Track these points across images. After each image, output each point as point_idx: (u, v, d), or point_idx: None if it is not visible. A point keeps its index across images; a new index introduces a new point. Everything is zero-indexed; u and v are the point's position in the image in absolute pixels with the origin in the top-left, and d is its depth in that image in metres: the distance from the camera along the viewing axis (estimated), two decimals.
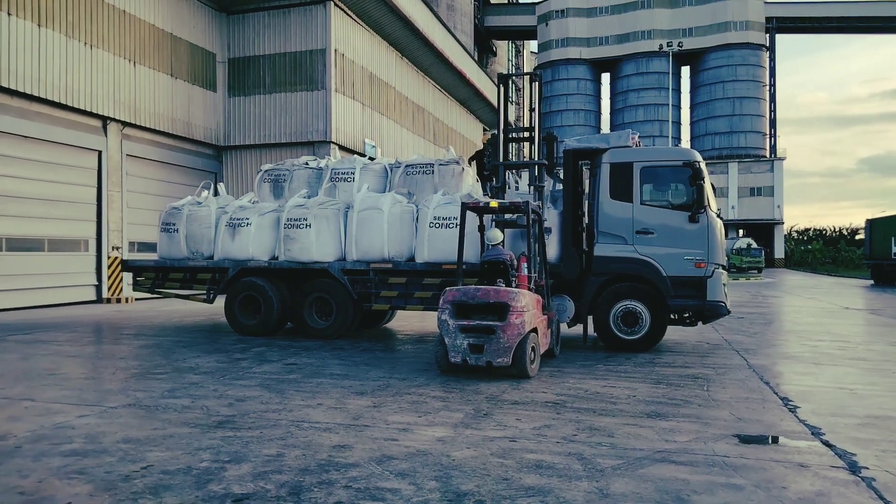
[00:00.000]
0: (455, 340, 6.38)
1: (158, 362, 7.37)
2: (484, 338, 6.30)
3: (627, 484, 3.53)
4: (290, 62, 19.83)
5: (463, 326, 6.37)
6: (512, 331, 6.23)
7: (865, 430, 4.69)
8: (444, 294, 6.58)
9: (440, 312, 6.53)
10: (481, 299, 6.36)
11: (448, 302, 6.49)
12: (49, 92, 14.16)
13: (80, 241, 15.49)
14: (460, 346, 6.36)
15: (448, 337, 6.43)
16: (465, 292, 6.45)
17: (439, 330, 6.57)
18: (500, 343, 6.24)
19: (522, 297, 6.39)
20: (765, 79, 67.99)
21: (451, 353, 6.42)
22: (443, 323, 6.47)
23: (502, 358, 6.27)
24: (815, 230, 76.59)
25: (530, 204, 7.08)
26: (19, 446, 4.13)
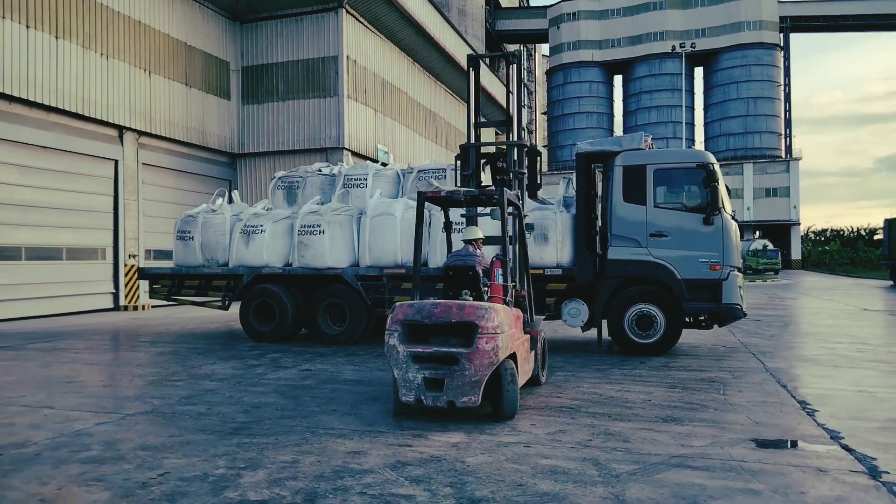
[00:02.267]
0: (406, 373, 4.84)
1: (175, 369, 7.44)
2: (444, 370, 4.77)
3: (643, 489, 3.50)
4: (303, 69, 19.97)
5: (416, 355, 4.83)
6: (481, 359, 4.73)
7: (885, 433, 4.62)
8: (392, 311, 5.08)
9: (387, 336, 4.98)
10: (440, 318, 4.84)
11: (397, 322, 4.95)
12: (66, 102, 14.37)
13: (98, 250, 15.68)
14: (413, 382, 4.82)
15: (398, 368, 4.88)
16: (419, 309, 4.93)
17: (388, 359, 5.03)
18: (465, 376, 4.73)
19: (495, 313, 4.86)
20: (779, 78, 67.39)
21: (401, 388, 4.88)
22: (391, 350, 4.94)
23: (469, 396, 4.75)
24: (833, 231, 75.71)
25: (506, 193, 5.55)
26: (39, 453, 4.18)
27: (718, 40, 67.01)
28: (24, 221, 13.66)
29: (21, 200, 13.60)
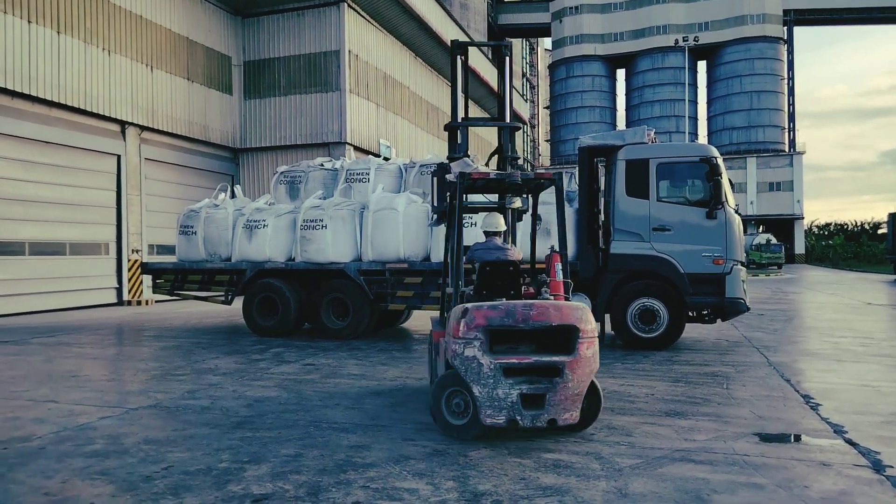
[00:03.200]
0: (495, 390, 4.09)
1: (178, 364, 7.45)
2: (545, 383, 4.13)
3: (646, 483, 3.50)
4: (305, 64, 19.93)
5: (510, 367, 4.13)
6: (582, 368, 4.17)
7: (889, 427, 4.61)
8: (461, 315, 4.24)
9: (458, 345, 4.17)
10: (538, 321, 4.15)
11: (477, 328, 4.15)
12: (69, 98, 14.36)
13: (101, 245, 15.70)
14: (505, 399, 4.09)
15: (480, 384, 4.10)
16: (509, 311, 4.17)
17: (452, 370, 4.29)
18: (567, 389, 4.13)
19: (589, 314, 4.32)
20: (783, 72, 67.09)
21: (485, 409, 4.11)
22: (468, 362, 4.13)
23: (570, 412, 4.18)
24: (837, 225, 75.51)
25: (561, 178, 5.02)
26: (43, 447, 4.20)
27: (722, 34, 66.70)
28: (27, 217, 13.68)
29: (24, 196, 13.61)
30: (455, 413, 4.31)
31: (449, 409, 4.33)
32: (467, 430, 4.27)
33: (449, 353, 4.29)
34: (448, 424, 4.33)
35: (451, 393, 4.33)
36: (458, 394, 4.29)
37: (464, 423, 4.28)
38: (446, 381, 4.34)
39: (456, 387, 4.29)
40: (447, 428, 4.33)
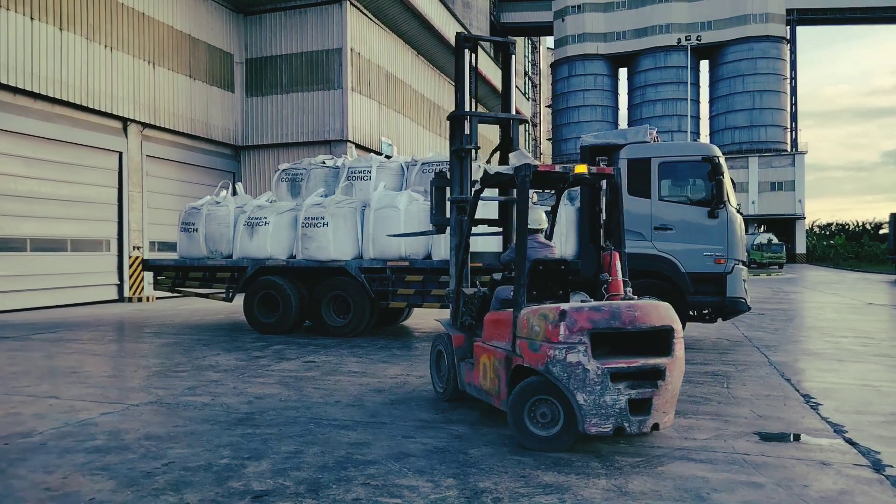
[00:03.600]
0: (602, 397, 3.84)
1: (179, 360, 7.46)
2: (649, 387, 3.94)
3: (646, 482, 3.51)
4: (307, 62, 19.93)
5: (618, 372, 3.89)
6: (678, 370, 4.07)
7: (890, 427, 4.61)
8: (558, 318, 3.92)
9: (559, 351, 3.86)
10: (643, 324, 3.96)
11: (581, 332, 3.87)
12: (70, 94, 14.37)
13: (102, 241, 15.71)
14: (613, 406, 3.85)
15: (586, 391, 3.83)
16: (614, 313, 3.95)
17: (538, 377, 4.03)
18: (667, 392, 4.00)
19: (675, 314, 4.19)
20: (785, 72, 67.00)
21: (590, 418, 3.85)
22: (571, 369, 3.84)
23: (668, 415, 4.07)
24: (838, 225, 75.39)
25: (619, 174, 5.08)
26: (44, 443, 4.21)
27: (724, 33, 66.61)
28: (29, 213, 13.69)
29: (26, 192, 13.63)
30: (540, 424, 4.02)
31: (532, 420, 4.03)
32: (559, 441, 3.99)
33: (539, 359, 3.95)
34: (534, 436, 4.01)
35: (536, 402, 4.03)
36: (545, 402, 4.01)
37: (553, 433, 3.99)
38: (531, 390, 4.02)
39: (542, 395, 4.00)
40: (532, 440, 4.02)
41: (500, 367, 4.37)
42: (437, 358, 5.56)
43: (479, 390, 4.73)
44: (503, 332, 4.45)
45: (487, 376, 4.54)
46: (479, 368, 4.69)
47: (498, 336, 4.51)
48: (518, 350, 4.15)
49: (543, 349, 3.93)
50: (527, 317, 4.13)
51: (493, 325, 4.66)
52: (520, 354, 4.12)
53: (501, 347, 4.40)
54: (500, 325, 4.51)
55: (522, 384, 4.07)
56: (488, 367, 4.53)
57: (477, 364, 4.71)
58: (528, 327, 4.09)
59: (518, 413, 4.05)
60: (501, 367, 4.35)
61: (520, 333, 4.15)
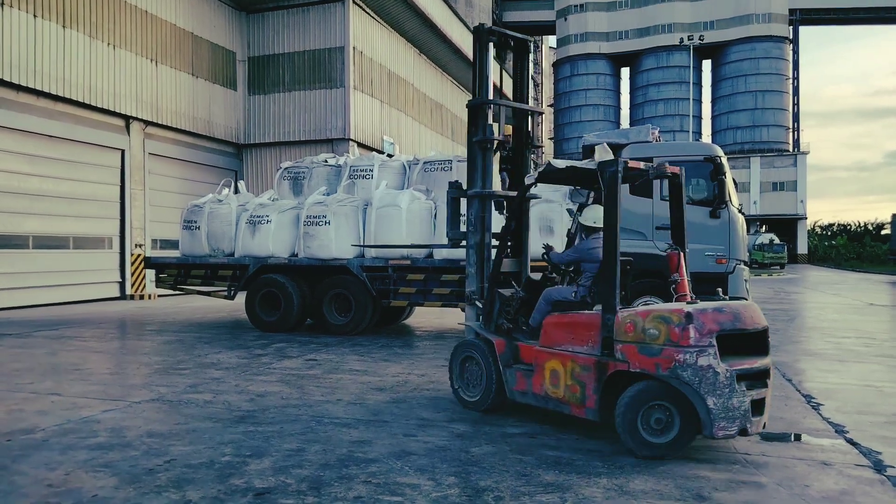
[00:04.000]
0: (730, 399, 3.75)
1: (181, 358, 7.48)
2: (763, 387, 3.94)
3: (647, 481, 3.51)
4: (309, 60, 19.93)
5: (743, 373, 3.85)
6: (771, 370, 4.11)
7: (891, 428, 4.61)
8: (686, 321, 3.82)
9: (686, 354, 3.76)
10: (757, 324, 4.01)
11: (709, 334, 3.80)
12: (73, 92, 14.38)
13: (104, 239, 15.74)
14: (739, 408, 3.77)
15: (716, 395, 3.73)
16: (736, 315, 3.96)
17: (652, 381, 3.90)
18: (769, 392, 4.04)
19: None
20: (788, 72, 66.86)
21: (719, 422, 3.73)
22: (702, 372, 3.73)
23: (766, 414, 4.05)
24: (840, 225, 75.26)
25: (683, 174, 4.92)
26: (47, 439, 4.22)
27: (727, 33, 66.48)
28: (31, 210, 13.71)
29: (29, 189, 13.65)
30: (654, 431, 3.89)
31: (646, 426, 3.89)
32: (674, 447, 3.88)
33: (659, 363, 3.82)
34: (648, 444, 3.88)
35: (650, 408, 3.89)
36: (660, 408, 3.88)
37: (669, 440, 3.87)
38: (646, 396, 3.88)
39: (659, 400, 3.87)
40: (646, 448, 3.88)
41: (583, 374, 4.17)
42: (461, 365, 5.15)
43: (542, 398, 4.47)
44: (581, 335, 4.26)
45: (561, 383, 4.31)
46: (542, 375, 4.44)
47: (573, 340, 4.31)
48: (620, 355, 4.00)
49: (667, 353, 3.80)
50: (631, 320, 3.98)
51: (562, 329, 4.43)
52: (623, 359, 3.99)
53: (583, 352, 4.22)
54: (576, 329, 4.31)
55: (635, 390, 3.91)
56: (562, 374, 4.31)
57: (539, 371, 4.46)
58: (635, 330, 3.94)
59: (632, 421, 3.89)
60: (587, 372, 4.16)
61: (621, 337, 4.00)
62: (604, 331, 4.11)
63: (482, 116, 5.57)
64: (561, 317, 4.52)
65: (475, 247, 5.41)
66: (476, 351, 5.00)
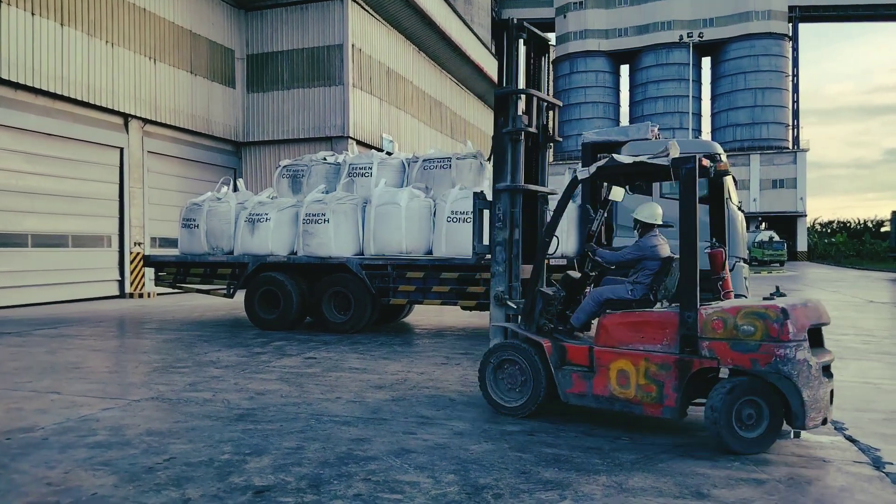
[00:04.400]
0: (818, 391, 3.92)
1: (180, 356, 7.47)
2: (832, 378, 4.13)
3: (646, 478, 3.51)
4: (308, 58, 19.91)
5: (825, 366, 4.06)
6: None
7: (890, 425, 4.62)
8: (783, 316, 3.91)
9: (786, 349, 3.86)
10: (828, 320, 4.31)
11: (803, 329, 3.95)
12: (72, 90, 14.36)
13: (103, 237, 15.72)
14: (823, 399, 3.97)
15: (809, 388, 3.87)
16: (817, 310, 4.23)
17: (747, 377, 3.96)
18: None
19: None
20: (788, 69, 66.85)
21: (810, 413, 3.86)
22: (800, 365, 3.86)
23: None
24: (839, 223, 75.30)
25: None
26: (46, 438, 4.22)
27: (726, 30, 66.45)
28: (30, 209, 13.69)
29: (27, 188, 13.63)
30: (745, 426, 3.94)
31: (738, 422, 3.94)
32: (766, 442, 3.96)
33: (757, 359, 3.89)
34: (742, 439, 3.92)
35: (742, 404, 3.94)
36: (751, 404, 3.94)
37: (760, 433, 3.94)
38: (740, 391, 3.92)
39: (751, 396, 3.93)
40: (741, 443, 3.92)
41: (661, 372, 4.16)
42: (495, 370, 4.87)
43: (606, 399, 4.39)
44: (654, 334, 4.24)
45: (632, 383, 4.26)
46: (606, 376, 4.37)
47: (643, 339, 4.28)
48: (707, 352, 4.03)
49: (766, 349, 3.87)
50: (719, 317, 4.03)
51: (628, 328, 4.37)
52: (711, 356, 4.02)
53: (659, 351, 4.20)
54: (647, 328, 4.28)
55: (732, 386, 3.93)
56: (633, 374, 4.26)
57: (602, 372, 4.38)
58: (725, 327, 3.99)
59: (727, 416, 3.91)
60: (665, 371, 4.15)
61: (709, 335, 4.03)
62: (683, 329, 4.11)
63: (511, 106, 5.32)
64: (626, 316, 4.43)
65: (503, 244, 5.15)
66: (518, 354, 4.74)
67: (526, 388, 4.72)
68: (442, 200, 9.06)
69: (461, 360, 7.23)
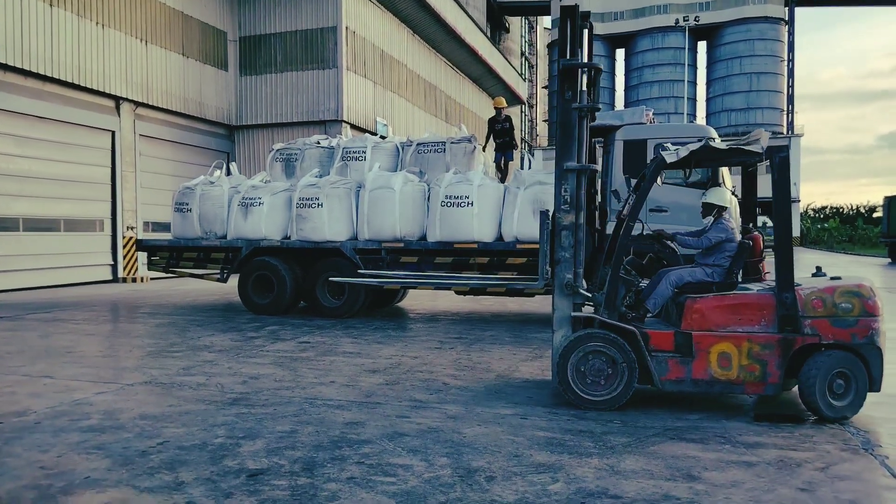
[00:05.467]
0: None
1: (173, 340, 7.46)
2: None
3: (638, 461, 3.54)
4: (302, 40, 19.71)
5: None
6: None
7: (879, 408, 4.66)
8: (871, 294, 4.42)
9: (878, 321, 4.36)
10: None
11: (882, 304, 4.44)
12: (62, 72, 14.19)
13: (96, 221, 15.63)
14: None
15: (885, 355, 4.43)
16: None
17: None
18: None
19: None
20: (783, 54, 66.64)
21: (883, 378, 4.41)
22: (884, 337, 4.41)
23: None
24: (832, 208, 75.61)
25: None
26: (39, 422, 4.21)
27: (722, 14, 66.13)
28: (21, 192, 13.59)
29: (18, 171, 13.51)
30: (836, 395, 4.33)
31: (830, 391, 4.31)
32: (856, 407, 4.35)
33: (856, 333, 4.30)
34: (834, 407, 4.31)
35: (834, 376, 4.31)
36: (839, 375, 4.34)
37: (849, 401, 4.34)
38: (834, 364, 4.30)
39: (840, 368, 4.31)
40: (833, 410, 4.30)
41: (764, 352, 4.39)
42: (578, 362, 4.61)
43: (706, 383, 4.47)
44: (752, 315, 4.44)
45: (734, 365, 4.42)
46: (706, 360, 4.45)
47: (741, 321, 4.45)
48: (810, 329, 4.35)
49: (864, 323, 4.32)
50: (818, 297, 4.37)
51: (724, 311, 4.49)
52: (813, 333, 4.35)
53: (760, 331, 4.42)
54: (745, 310, 4.46)
55: (823, 359, 4.30)
56: (735, 356, 4.41)
57: (703, 356, 4.44)
58: (825, 306, 4.35)
59: (822, 388, 4.30)
60: (768, 350, 4.38)
61: (810, 313, 4.36)
62: (782, 308, 4.37)
63: (577, 81, 4.98)
64: (721, 299, 4.58)
65: (570, 228, 4.83)
66: (608, 344, 4.57)
67: (615, 380, 4.56)
68: (436, 185, 9.03)
69: (455, 345, 7.25)
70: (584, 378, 4.60)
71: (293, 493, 3.07)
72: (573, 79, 4.97)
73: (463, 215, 8.71)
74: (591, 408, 4.54)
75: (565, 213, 4.87)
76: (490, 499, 3.02)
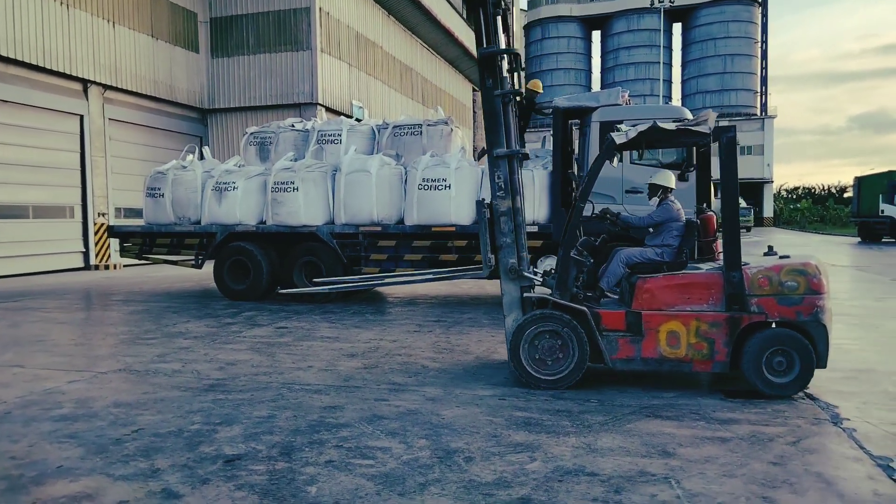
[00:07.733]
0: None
1: (148, 328, 7.36)
2: None
3: (614, 439, 3.58)
4: (274, 21, 19.36)
5: None
6: None
7: (848, 383, 4.77)
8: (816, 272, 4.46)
9: (823, 299, 4.43)
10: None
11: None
12: (25, 54, 13.77)
13: (66, 208, 15.29)
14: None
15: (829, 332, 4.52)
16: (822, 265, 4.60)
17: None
18: None
19: None
20: (757, 35, 67.15)
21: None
22: (828, 314, 4.49)
23: None
24: (804, 189, 76.85)
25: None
26: (9, 412, 4.13)
27: None
28: None
29: None
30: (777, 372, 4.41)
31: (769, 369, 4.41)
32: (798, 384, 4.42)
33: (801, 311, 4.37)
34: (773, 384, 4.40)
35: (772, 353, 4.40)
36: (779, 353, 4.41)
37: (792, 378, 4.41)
38: (771, 341, 4.38)
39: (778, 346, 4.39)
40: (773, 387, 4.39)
41: (712, 330, 4.44)
42: (530, 344, 4.67)
43: (655, 361, 4.53)
44: (700, 294, 4.48)
45: (683, 343, 4.48)
46: (655, 339, 4.51)
47: (689, 300, 4.50)
48: (756, 308, 4.40)
49: (809, 301, 4.37)
50: (764, 275, 4.41)
51: (673, 290, 4.53)
52: (759, 311, 4.40)
53: (708, 310, 4.46)
54: (693, 289, 4.50)
55: (761, 337, 4.37)
56: (683, 334, 4.48)
57: (653, 335, 4.50)
58: (771, 284, 4.39)
59: (758, 364, 4.38)
60: (716, 329, 4.44)
61: (756, 292, 4.40)
62: (729, 287, 4.41)
63: (497, 68, 5.05)
64: (669, 279, 4.61)
65: (507, 213, 4.91)
66: (559, 324, 4.62)
67: (566, 360, 4.62)
68: (413, 168, 8.98)
69: (433, 328, 7.25)
70: (537, 358, 4.67)
71: (271, 478, 3.05)
72: (492, 66, 5.04)
73: (440, 198, 8.68)
74: (544, 387, 4.60)
75: (501, 199, 4.94)
76: (468, 479, 3.04)
